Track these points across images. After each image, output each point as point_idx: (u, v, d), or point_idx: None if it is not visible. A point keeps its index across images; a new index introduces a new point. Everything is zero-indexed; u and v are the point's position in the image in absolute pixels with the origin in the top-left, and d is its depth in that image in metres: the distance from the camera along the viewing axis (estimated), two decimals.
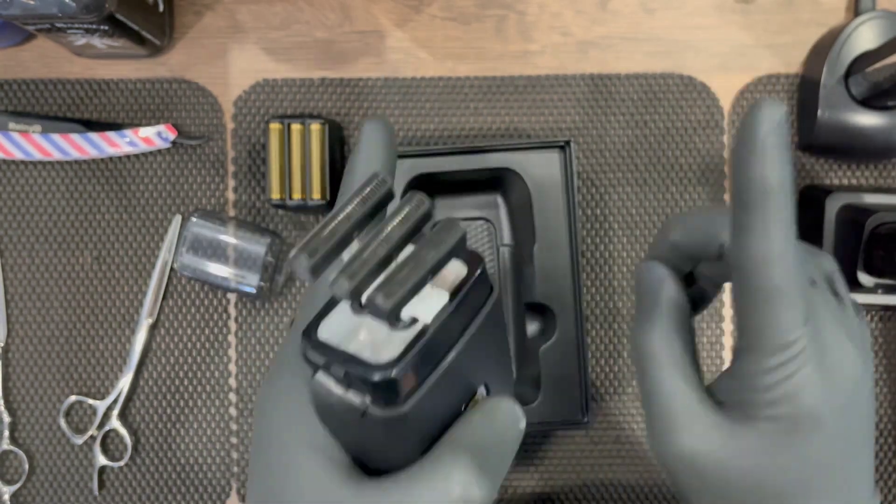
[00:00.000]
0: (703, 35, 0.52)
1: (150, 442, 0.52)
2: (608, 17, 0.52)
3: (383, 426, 0.24)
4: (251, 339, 0.52)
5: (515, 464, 0.52)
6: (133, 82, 0.52)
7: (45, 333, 0.52)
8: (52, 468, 0.52)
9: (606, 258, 0.52)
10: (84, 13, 0.42)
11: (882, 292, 0.48)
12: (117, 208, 0.52)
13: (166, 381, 0.52)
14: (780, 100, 0.26)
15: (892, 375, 0.52)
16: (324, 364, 0.24)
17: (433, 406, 0.25)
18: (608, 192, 0.52)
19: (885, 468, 0.52)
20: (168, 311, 0.52)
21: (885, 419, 0.52)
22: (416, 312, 0.23)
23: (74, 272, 0.52)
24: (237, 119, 0.52)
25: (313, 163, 0.48)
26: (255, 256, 0.48)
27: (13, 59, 0.52)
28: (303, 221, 0.52)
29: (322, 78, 0.52)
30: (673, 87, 0.52)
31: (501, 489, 0.52)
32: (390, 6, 0.52)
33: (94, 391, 0.52)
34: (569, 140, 0.47)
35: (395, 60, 0.52)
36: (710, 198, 0.52)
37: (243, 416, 0.52)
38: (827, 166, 0.52)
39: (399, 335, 0.23)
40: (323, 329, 0.24)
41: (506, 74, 0.52)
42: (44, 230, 0.52)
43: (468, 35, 0.52)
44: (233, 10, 0.52)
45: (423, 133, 0.52)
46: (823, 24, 0.52)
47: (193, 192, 0.52)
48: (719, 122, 0.52)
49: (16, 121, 0.51)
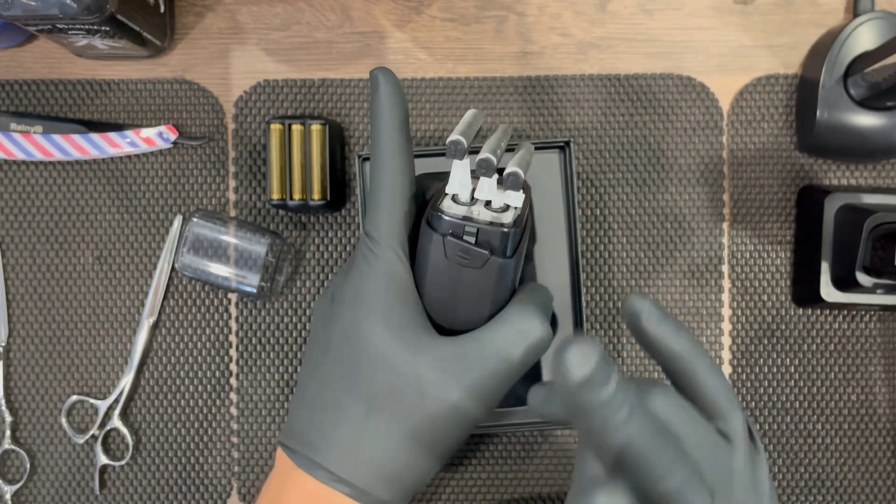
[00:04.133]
0: (702, 36, 0.52)
1: (152, 441, 0.52)
2: (607, 18, 0.52)
3: (497, 272, 0.36)
4: (252, 339, 0.52)
5: (513, 462, 0.52)
6: (134, 83, 0.52)
7: (47, 333, 0.52)
8: (53, 468, 0.52)
9: (606, 258, 0.52)
10: (85, 14, 0.42)
11: (881, 292, 0.48)
12: (118, 208, 0.52)
13: (167, 380, 0.52)
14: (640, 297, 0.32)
15: (891, 375, 0.52)
16: (457, 227, 0.35)
17: (515, 269, 0.37)
18: (608, 192, 0.52)
19: (885, 468, 0.52)
20: (169, 311, 0.52)
21: (885, 419, 0.52)
22: (510, 202, 0.35)
23: (76, 272, 0.52)
24: (238, 119, 0.52)
25: (314, 163, 0.48)
26: (255, 256, 0.49)
27: (14, 59, 0.53)
28: (303, 222, 0.52)
29: (322, 78, 0.52)
30: (672, 87, 0.52)
31: (501, 490, 0.52)
32: (390, 7, 0.52)
33: (96, 391, 0.52)
34: (569, 140, 0.47)
35: (395, 61, 0.52)
36: (710, 197, 0.52)
37: (244, 415, 0.52)
38: (826, 166, 0.52)
39: (501, 215, 0.35)
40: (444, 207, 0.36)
41: (505, 75, 0.52)
42: (45, 230, 0.52)
43: (468, 36, 0.52)
44: (233, 11, 0.52)
45: (423, 133, 0.52)
46: (822, 25, 0.52)
47: (194, 193, 0.52)
48: (718, 123, 0.52)
49: (17, 121, 0.51)
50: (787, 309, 0.52)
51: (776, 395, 0.52)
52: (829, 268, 0.49)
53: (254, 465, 0.52)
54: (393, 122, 0.37)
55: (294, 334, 0.52)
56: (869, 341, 0.52)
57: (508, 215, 0.36)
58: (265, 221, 0.52)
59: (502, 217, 0.35)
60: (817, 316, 0.52)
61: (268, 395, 0.52)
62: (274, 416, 0.52)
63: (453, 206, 0.36)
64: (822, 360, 0.52)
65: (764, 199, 0.52)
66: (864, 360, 0.52)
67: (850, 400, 0.52)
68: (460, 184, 0.35)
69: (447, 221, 0.35)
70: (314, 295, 0.52)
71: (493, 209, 0.36)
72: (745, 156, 0.52)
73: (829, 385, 0.52)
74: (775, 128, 0.52)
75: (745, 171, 0.52)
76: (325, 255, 0.52)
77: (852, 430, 0.52)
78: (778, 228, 0.52)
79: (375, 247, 0.37)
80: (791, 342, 0.52)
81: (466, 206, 0.36)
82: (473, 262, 0.36)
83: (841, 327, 0.52)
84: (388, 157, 0.37)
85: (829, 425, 0.52)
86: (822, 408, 0.52)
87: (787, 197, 0.52)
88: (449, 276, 0.36)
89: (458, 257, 0.35)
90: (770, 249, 0.52)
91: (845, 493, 0.52)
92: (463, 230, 0.35)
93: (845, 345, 0.52)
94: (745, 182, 0.52)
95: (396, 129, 0.37)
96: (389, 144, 0.37)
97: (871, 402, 0.52)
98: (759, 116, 0.52)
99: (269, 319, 0.52)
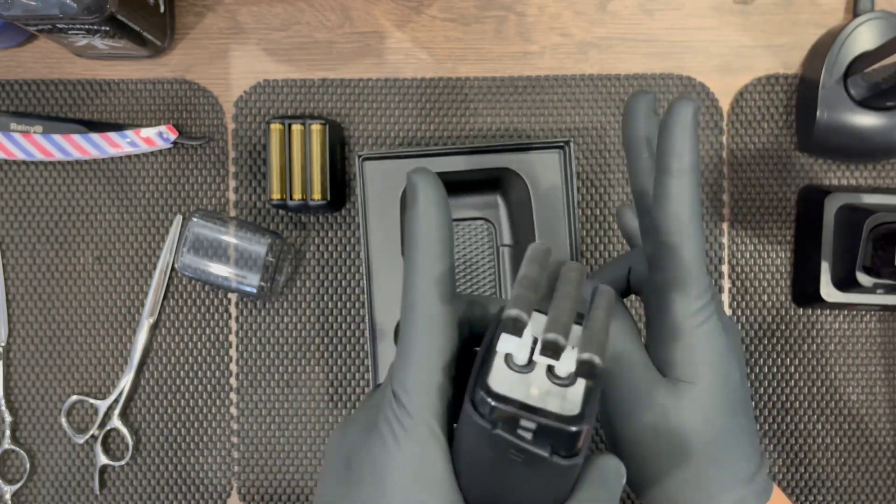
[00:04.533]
0: (702, 36, 0.52)
1: (151, 441, 0.52)
2: (607, 19, 0.52)
3: (557, 474, 0.27)
4: (252, 339, 0.52)
5: None
6: (134, 83, 0.52)
7: (47, 333, 0.52)
8: (53, 467, 0.52)
9: (606, 258, 0.52)
10: (85, 14, 0.42)
11: (881, 292, 0.48)
12: (118, 208, 0.52)
13: (167, 380, 0.52)
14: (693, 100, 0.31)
15: (891, 375, 0.52)
16: (509, 418, 0.26)
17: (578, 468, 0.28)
18: (607, 192, 0.52)
19: (885, 468, 0.52)
20: (169, 311, 0.52)
21: (885, 419, 0.52)
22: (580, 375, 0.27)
23: (76, 272, 0.52)
24: (238, 119, 0.52)
25: (314, 163, 0.48)
26: (255, 256, 0.49)
27: (15, 59, 0.53)
28: (303, 222, 0.52)
29: (322, 78, 0.52)
30: (672, 87, 0.52)
31: None
32: (390, 7, 0.52)
33: (96, 391, 0.52)
34: (568, 140, 0.47)
35: (395, 61, 0.52)
36: (709, 197, 0.52)
37: (244, 415, 0.52)
38: (826, 167, 0.52)
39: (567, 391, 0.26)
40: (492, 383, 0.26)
41: (505, 75, 0.52)
42: (45, 230, 0.52)
43: (468, 36, 0.52)
44: (233, 12, 0.52)
45: (423, 133, 0.52)
46: (822, 25, 0.52)
47: (194, 193, 0.52)
48: (718, 123, 0.52)
49: (17, 121, 0.51)
50: (787, 309, 0.52)
51: (776, 395, 0.52)
52: (829, 268, 0.49)
53: (254, 465, 0.52)
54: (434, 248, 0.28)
55: (294, 334, 0.52)
56: (869, 341, 0.52)
57: (575, 397, 0.27)
58: (265, 221, 0.52)
59: (568, 394, 0.27)
60: (817, 316, 0.52)
61: (268, 395, 0.52)
62: (274, 416, 0.52)
63: (505, 375, 0.27)
64: (822, 360, 0.52)
65: (764, 199, 0.52)
66: (864, 360, 0.52)
67: (850, 400, 0.52)
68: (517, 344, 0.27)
69: (498, 409, 0.26)
70: (314, 295, 0.52)
71: (557, 378, 0.27)
72: (745, 156, 0.52)
73: (829, 385, 0.52)
74: (775, 128, 0.52)
75: (745, 171, 0.52)
76: (325, 255, 0.52)
77: (852, 430, 0.52)
78: (778, 228, 0.52)
79: (405, 419, 0.28)
80: (791, 342, 0.52)
81: (522, 372, 0.27)
82: (529, 461, 0.27)
83: (841, 327, 0.52)
84: (425, 297, 0.28)
85: (829, 425, 0.52)
86: (822, 408, 0.52)
87: (787, 197, 0.52)
88: (494, 470, 0.28)
89: (510, 454, 0.27)
90: (770, 249, 0.52)
91: (845, 493, 0.52)
92: (518, 423, 0.26)
93: (845, 345, 0.52)
94: (745, 182, 0.52)
95: (439, 256, 0.28)
96: (428, 280, 0.28)
97: (871, 402, 0.52)
98: (759, 116, 0.52)
99: (269, 319, 0.52)
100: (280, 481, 0.52)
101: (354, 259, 0.52)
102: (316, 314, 0.52)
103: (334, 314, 0.52)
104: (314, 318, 0.52)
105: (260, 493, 0.52)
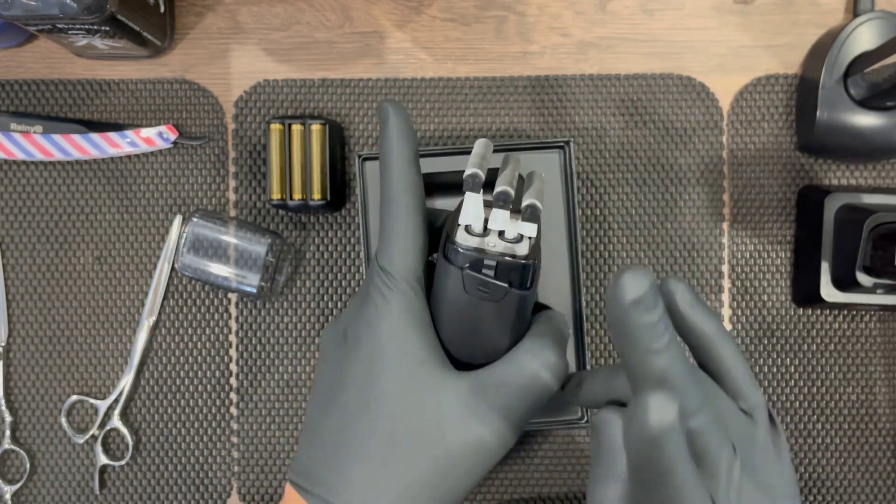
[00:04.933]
0: (702, 36, 0.52)
1: (151, 441, 0.52)
2: (607, 18, 0.52)
3: (516, 305, 0.36)
4: (252, 339, 0.52)
5: (514, 462, 0.52)
6: (134, 83, 0.52)
7: (47, 333, 0.52)
8: (53, 467, 0.52)
9: (606, 258, 0.52)
10: (85, 14, 0.42)
11: (881, 292, 0.48)
12: (118, 208, 0.52)
13: (167, 380, 0.52)
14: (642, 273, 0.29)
15: (891, 375, 0.52)
16: (475, 260, 0.35)
17: (530, 301, 0.37)
18: (607, 193, 0.52)
19: (885, 468, 0.52)
20: (169, 311, 0.52)
21: (885, 419, 0.52)
22: (525, 232, 0.35)
23: (76, 272, 0.52)
24: (238, 119, 0.52)
25: (314, 163, 0.48)
26: (255, 256, 0.49)
27: (14, 59, 0.53)
28: (303, 222, 0.52)
29: (322, 78, 0.52)
30: (672, 87, 0.52)
31: (501, 490, 0.52)
32: (390, 7, 0.52)
33: (96, 391, 0.52)
34: (568, 140, 0.47)
35: (395, 61, 0.52)
36: (709, 197, 0.52)
37: (244, 415, 0.52)
38: (826, 166, 0.52)
39: (515, 246, 0.35)
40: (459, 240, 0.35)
41: (506, 75, 0.52)
42: (45, 230, 0.52)
43: (468, 36, 0.52)
44: (234, 11, 0.52)
45: (423, 133, 0.52)
46: (822, 25, 0.52)
47: (194, 193, 0.52)
48: (718, 123, 0.52)
49: (17, 121, 0.51)
50: (787, 309, 0.52)
51: (776, 395, 0.52)
52: (829, 268, 0.49)
53: (254, 465, 0.52)
54: (403, 157, 0.37)
55: (294, 334, 0.52)
56: (869, 341, 0.52)
57: (523, 246, 0.35)
58: (265, 221, 0.52)
59: (516, 248, 0.35)
60: (817, 316, 0.52)
61: (268, 395, 0.52)
62: (274, 416, 0.52)
63: (468, 237, 0.35)
64: (822, 360, 0.52)
65: (764, 199, 0.52)
66: (864, 360, 0.52)
67: (850, 400, 0.52)
68: (474, 215, 0.35)
69: (465, 254, 0.35)
70: (314, 295, 0.52)
71: (507, 239, 0.35)
72: (745, 156, 0.52)
73: (829, 385, 0.52)
74: (775, 128, 0.52)
75: (745, 171, 0.52)
76: (325, 255, 0.52)
77: (852, 430, 0.52)
78: (778, 228, 0.52)
79: (391, 281, 0.36)
80: (791, 342, 0.52)
81: (480, 237, 0.35)
82: (493, 295, 0.35)
83: (841, 327, 0.52)
84: (399, 192, 0.37)
85: (829, 425, 0.52)
86: (822, 408, 0.52)
87: (787, 197, 0.52)
88: (466, 310, 0.36)
89: (478, 291, 0.35)
90: (770, 249, 0.52)
91: (845, 493, 0.52)
92: (482, 263, 0.35)
93: (845, 345, 0.52)
94: (745, 182, 0.52)
95: (406, 164, 0.37)
96: (401, 180, 0.37)
97: (871, 402, 0.52)
98: (759, 116, 0.52)
99: (269, 319, 0.52)
100: (280, 481, 0.52)
101: (354, 259, 0.52)
102: (316, 314, 0.52)
103: (334, 314, 0.52)
104: (314, 318, 0.52)
105: (260, 493, 0.52)
